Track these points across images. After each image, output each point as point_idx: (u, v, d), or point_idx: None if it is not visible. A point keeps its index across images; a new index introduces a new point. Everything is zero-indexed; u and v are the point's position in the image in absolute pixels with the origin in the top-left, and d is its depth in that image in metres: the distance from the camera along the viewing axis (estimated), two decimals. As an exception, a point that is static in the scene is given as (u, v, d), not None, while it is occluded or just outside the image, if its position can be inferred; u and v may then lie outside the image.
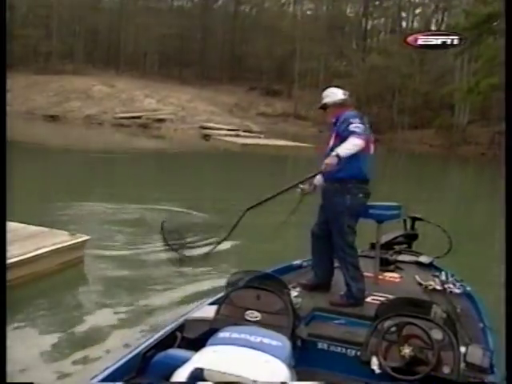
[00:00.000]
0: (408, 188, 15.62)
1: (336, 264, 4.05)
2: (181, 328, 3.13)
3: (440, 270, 4.51)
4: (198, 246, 4.52)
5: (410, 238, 5.08)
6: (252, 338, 2.37)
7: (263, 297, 3.01)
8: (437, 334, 2.63)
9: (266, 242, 7.00)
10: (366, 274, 4.31)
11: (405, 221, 5.06)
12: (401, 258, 4.81)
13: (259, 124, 39.34)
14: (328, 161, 3.58)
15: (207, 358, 2.23)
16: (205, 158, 20.90)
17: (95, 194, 10.42)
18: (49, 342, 3.82)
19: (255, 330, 2.52)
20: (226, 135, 28.09)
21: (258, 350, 2.29)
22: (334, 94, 3.94)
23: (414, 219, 5.03)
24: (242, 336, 2.38)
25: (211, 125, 33.37)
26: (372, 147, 3.96)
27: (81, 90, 38.03)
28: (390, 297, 3.86)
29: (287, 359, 2.31)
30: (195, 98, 41.19)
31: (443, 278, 4.29)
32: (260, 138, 28.76)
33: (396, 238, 4.99)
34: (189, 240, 4.47)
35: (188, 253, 4.30)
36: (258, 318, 2.92)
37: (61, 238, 5.43)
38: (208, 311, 3.15)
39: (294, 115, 43.02)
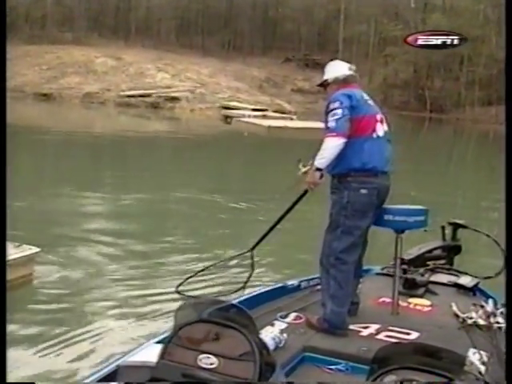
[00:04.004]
0: (479, 182, 15.03)
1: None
2: (110, 377, 2.83)
3: (487, 297, 4.06)
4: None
5: (449, 252, 4.62)
6: None
7: (223, 336, 2.68)
8: None
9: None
10: (383, 299, 3.96)
11: (443, 228, 4.64)
12: (435, 278, 4.40)
13: (294, 102, 39.03)
14: (310, 178, 3.68)
15: None
16: (224, 144, 20.88)
17: (98, 185, 10.72)
18: None
19: None
20: (250, 116, 27.88)
21: None
22: (337, 69, 3.93)
23: (455, 226, 4.58)
24: None
25: (234, 104, 33.30)
26: (379, 128, 3.76)
27: (81, 62, 38.47)
28: (412, 334, 3.47)
29: None
30: (218, 72, 41.19)
31: (489, 307, 3.84)
32: (292, 119, 28.42)
33: (430, 251, 4.58)
34: None
35: None
36: (213, 366, 2.60)
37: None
38: (151, 354, 2.84)
39: (338, 91, 42.55)
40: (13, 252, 5.25)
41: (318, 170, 3.63)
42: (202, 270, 5.49)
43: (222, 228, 8.28)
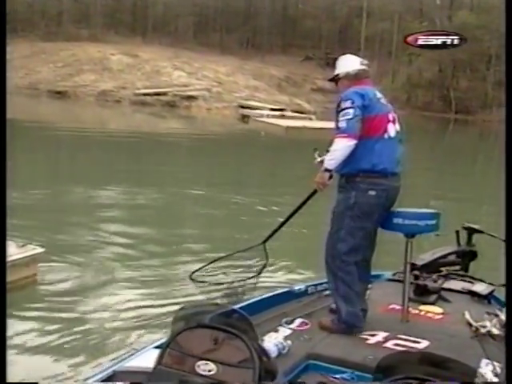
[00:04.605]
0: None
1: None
2: (106, 382, 2.81)
3: (503, 305, 3.98)
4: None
5: (464, 257, 4.56)
6: None
7: (222, 342, 2.66)
8: None
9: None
10: (393, 306, 3.92)
11: (458, 233, 4.56)
12: (448, 284, 4.33)
13: (314, 102, 38.87)
14: (319, 179, 3.68)
15: None
16: (240, 144, 20.84)
17: (112, 182, 10.77)
18: None
19: None
20: (268, 116, 27.87)
21: None
22: (348, 64, 3.93)
23: (470, 231, 4.51)
24: None
25: (252, 103, 33.30)
26: (391, 128, 3.75)
27: (96, 60, 38.64)
28: (422, 343, 3.42)
29: None
30: (236, 71, 41.21)
31: (504, 316, 3.75)
32: (311, 119, 28.36)
33: (444, 256, 4.50)
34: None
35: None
36: (212, 372, 2.58)
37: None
38: (148, 359, 2.82)
39: (360, 90, 42.35)
40: (16, 252, 5.27)
41: (327, 170, 3.62)
42: (215, 261, 5.52)
43: (234, 224, 8.35)
